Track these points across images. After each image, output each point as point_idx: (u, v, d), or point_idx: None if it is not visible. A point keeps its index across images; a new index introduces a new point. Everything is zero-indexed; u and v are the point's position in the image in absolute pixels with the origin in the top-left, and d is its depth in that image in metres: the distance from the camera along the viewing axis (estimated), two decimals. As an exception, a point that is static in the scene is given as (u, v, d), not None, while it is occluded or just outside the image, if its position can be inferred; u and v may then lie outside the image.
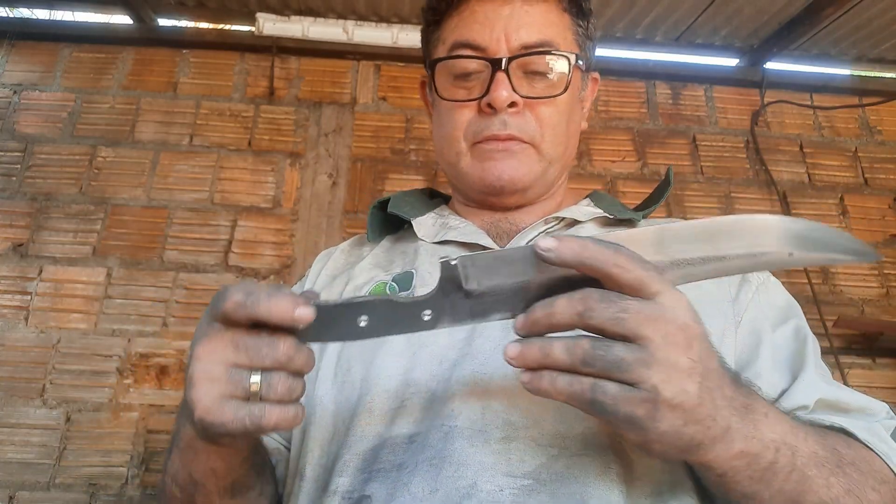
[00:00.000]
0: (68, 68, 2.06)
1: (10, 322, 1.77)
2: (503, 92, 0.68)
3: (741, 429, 0.43)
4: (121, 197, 1.92)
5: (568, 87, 0.72)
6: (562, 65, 0.71)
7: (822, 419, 0.57)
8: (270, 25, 2.05)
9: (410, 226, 0.79)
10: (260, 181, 1.97)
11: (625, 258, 0.39)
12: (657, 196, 0.82)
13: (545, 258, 0.40)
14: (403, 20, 2.08)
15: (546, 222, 0.75)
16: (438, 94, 0.75)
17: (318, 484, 0.60)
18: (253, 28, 2.07)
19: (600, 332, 0.40)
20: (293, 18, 2.06)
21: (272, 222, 1.93)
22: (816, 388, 0.60)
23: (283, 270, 1.87)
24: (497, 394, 0.57)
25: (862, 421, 0.58)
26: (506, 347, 0.42)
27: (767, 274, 0.71)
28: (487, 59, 0.70)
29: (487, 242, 0.72)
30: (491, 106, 0.70)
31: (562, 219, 0.75)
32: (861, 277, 1.99)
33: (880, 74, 2.27)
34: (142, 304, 1.81)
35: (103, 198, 1.91)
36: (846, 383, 1.82)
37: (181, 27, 2.14)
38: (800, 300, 2.12)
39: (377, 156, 2.03)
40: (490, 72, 0.70)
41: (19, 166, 1.93)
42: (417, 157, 2.04)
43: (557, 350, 0.40)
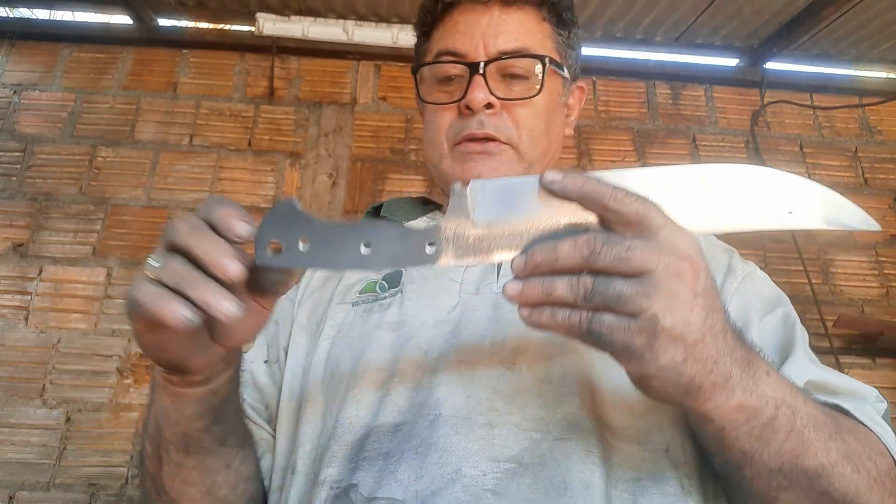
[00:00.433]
0: (68, 68, 2.06)
1: (10, 322, 1.77)
2: (479, 93, 0.71)
3: (741, 381, 0.43)
4: (121, 197, 1.92)
5: (542, 88, 0.74)
6: (537, 67, 0.75)
7: (816, 398, 0.57)
8: (270, 25, 2.05)
9: None
10: (260, 181, 1.97)
11: (623, 193, 0.40)
12: None
13: (549, 189, 0.41)
14: (403, 20, 2.08)
15: None
16: (422, 98, 0.79)
17: (309, 477, 0.61)
18: (253, 28, 2.07)
19: (607, 274, 0.40)
20: (293, 18, 2.06)
21: (272, 222, 1.93)
22: (806, 370, 0.60)
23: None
24: (481, 383, 0.58)
25: (853, 403, 0.59)
26: (505, 286, 0.42)
27: (753, 266, 0.72)
28: (465, 64, 0.73)
29: None
30: (469, 107, 0.73)
31: None
32: (861, 277, 1.99)
33: (880, 74, 2.27)
34: (142, 304, 1.80)
35: (103, 198, 1.91)
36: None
37: (181, 27, 2.14)
38: (800, 300, 2.12)
39: (377, 156, 2.03)
40: (468, 75, 0.73)
41: (19, 166, 1.93)
42: (417, 157, 2.04)
43: (560, 287, 0.40)
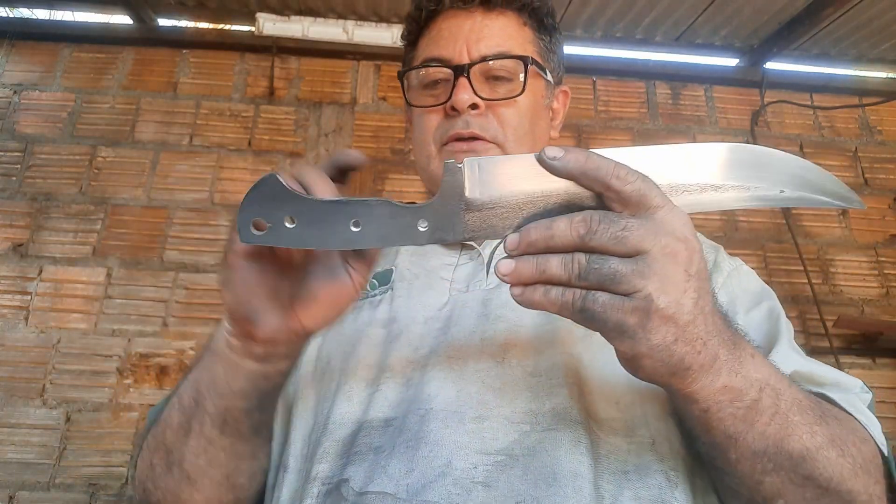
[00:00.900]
0: (68, 68, 2.07)
1: (10, 322, 1.77)
2: (464, 95, 0.73)
3: (728, 361, 0.44)
4: (121, 197, 1.92)
5: (525, 88, 0.76)
6: (519, 68, 0.76)
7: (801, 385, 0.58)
8: (270, 25, 2.05)
9: None
10: (260, 181, 1.97)
11: (626, 171, 0.40)
12: None
13: (549, 166, 0.40)
14: (403, 20, 2.08)
15: None
16: (409, 103, 0.81)
17: (301, 474, 0.61)
18: (253, 28, 2.07)
19: (602, 253, 0.40)
20: (293, 18, 2.06)
21: (272, 222, 1.93)
22: (792, 361, 0.60)
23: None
24: (471, 377, 0.59)
25: (838, 393, 0.59)
26: (498, 264, 0.42)
27: (739, 262, 0.73)
28: (450, 67, 0.75)
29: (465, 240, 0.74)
30: (454, 108, 0.74)
31: None
32: (861, 277, 1.99)
33: (880, 74, 2.27)
34: (142, 304, 1.81)
35: (103, 198, 1.91)
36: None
37: (181, 27, 2.14)
38: (800, 300, 2.12)
39: (377, 156, 2.03)
40: (453, 78, 0.75)
41: (19, 166, 1.93)
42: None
43: (554, 265, 0.40)
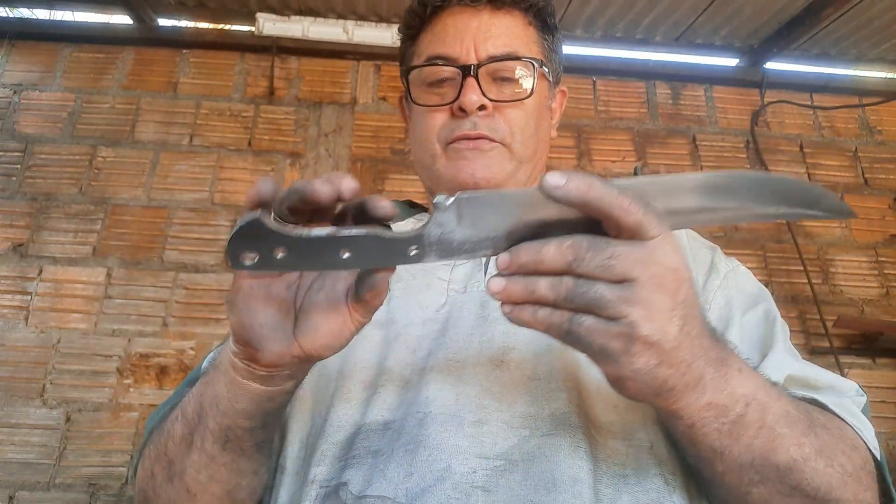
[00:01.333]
0: (68, 68, 2.07)
1: (10, 322, 1.77)
2: (472, 96, 0.72)
3: (714, 380, 0.45)
4: (121, 197, 1.92)
5: (534, 91, 0.76)
6: (528, 70, 0.76)
7: (793, 393, 0.58)
8: (270, 25, 2.05)
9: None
10: (260, 181, 1.97)
11: (629, 201, 0.40)
12: None
13: (553, 196, 0.40)
14: (404, 13, 2.08)
15: None
16: (413, 101, 0.79)
17: (298, 476, 0.61)
18: (253, 28, 2.07)
19: (590, 278, 0.40)
20: (293, 18, 2.06)
21: (272, 222, 1.93)
22: (786, 365, 0.61)
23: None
24: (470, 380, 0.59)
25: (832, 397, 0.59)
26: (489, 282, 0.43)
27: (736, 262, 0.73)
28: (458, 66, 0.74)
29: None
30: (462, 109, 0.73)
31: None
32: (861, 277, 1.99)
33: (880, 74, 2.27)
34: (142, 304, 1.81)
35: (103, 198, 1.91)
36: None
37: (181, 27, 2.14)
38: (800, 300, 2.12)
39: (377, 156, 2.03)
40: (461, 78, 0.74)
41: (19, 166, 1.93)
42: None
43: (543, 287, 0.41)
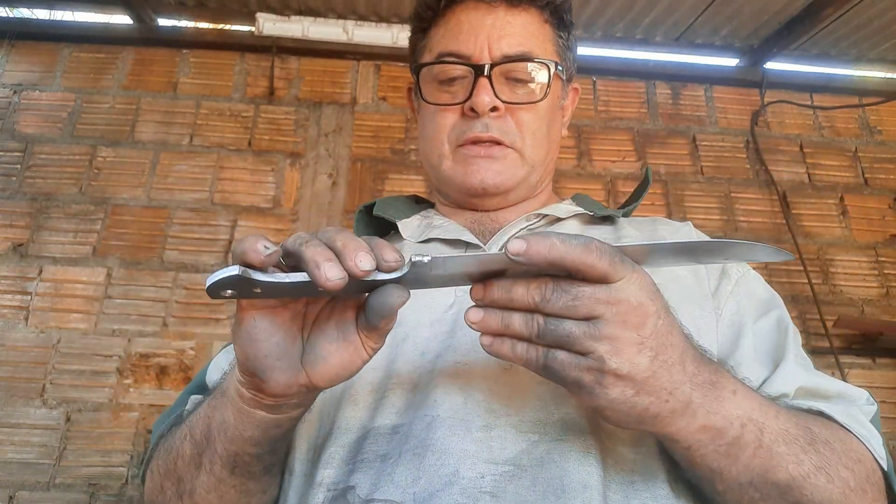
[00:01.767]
0: (68, 68, 2.07)
1: (10, 322, 1.77)
2: (485, 97, 0.71)
3: (704, 404, 0.45)
4: (121, 197, 1.92)
5: (548, 94, 0.74)
6: (542, 72, 0.74)
7: (801, 404, 0.58)
8: (270, 25, 2.05)
9: (397, 229, 0.80)
10: (260, 181, 1.97)
11: (594, 257, 0.41)
12: (636, 195, 0.85)
13: (516, 262, 0.42)
14: (403, 20, 2.08)
15: (528, 219, 0.76)
16: (423, 99, 0.77)
17: (306, 478, 0.60)
18: (253, 28, 2.07)
19: (557, 317, 0.43)
20: (293, 18, 2.06)
21: (272, 222, 1.93)
22: (797, 377, 0.61)
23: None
24: (478, 384, 0.58)
25: (841, 406, 0.59)
26: (467, 312, 0.45)
27: (747, 267, 0.73)
28: (470, 66, 0.73)
29: (470, 239, 0.73)
30: (473, 110, 0.72)
31: (543, 216, 0.77)
32: (861, 277, 1.99)
33: (880, 74, 2.27)
34: (142, 304, 1.81)
35: (103, 198, 1.91)
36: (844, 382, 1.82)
37: (181, 27, 2.14)
38: (800, 300, 2.12)
39: (377, 156, 2.03)
40: (473, 77, 0.72)
41: (19, 166, 1.93)
42: (417, 157, 2.03)
43: (516, 323, 0.44)
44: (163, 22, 2.13)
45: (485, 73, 0.71)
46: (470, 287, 0.46)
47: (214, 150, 1.99)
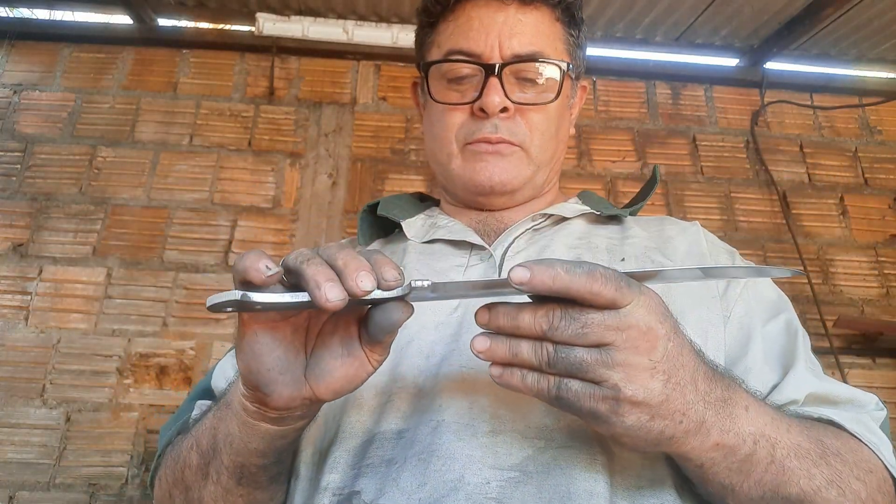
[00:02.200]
0: (68, 68, 2.07)
1: (10, 322, 1.77)
2: (495, 97, 0.70)
3: (717, 422, 0.45)
4: (121, 197, 1.92)
5: (559, 95, 0.74)
6: (553, 73, 0.73)
7: (811, 412, 0.58)
8: (270, 25, 2.05)
9: (401, 228, 0.80)
10: (260, 181, 1.97)
11: (599, 285, 0.40)
12: (643, 194, 0.84)
13: (520, 290, 0.41)
14: (403, 20, 2.08)
15: (533, 219, 0.75)
16: (432, 97, 0.76)
17: (311, 482, 0.60)
18: (253, 28, 2.07)
19: (567, 345, 0.42)
20: (293, 18, 2.06)
21: (272, 222, 1.93)
22: (807, 383, 0.60)
23: (283, 270, 1.87)
24: (484, 388, 0.57)
25: (851, 413, 0.59)
26: (474, 340, 0.44)
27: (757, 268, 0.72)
28: (481, 65, 0.71)
29: (475, 240, 0.73)
30: (483, 110, 0.71)
31: (549, 216, 0.76)
32: (861, 277, 1.99)
33: (880, 74, 2.27)
34: (142, 304, 1.81)
35: (103, 198, 1.91)
36: (846, 383, 1.82)
37: (181, 27, 2.14)
38: (800, 300, 2.12)
39: (377, 156, 2.03)
40: (483, 76, 0.71)
41: (19, 166, 1.93)
42: (417, 157, 2.04)
43: (525, 351, 0.43)
44: (163, 22, 2.13)
45: (495, 73, 0.70)
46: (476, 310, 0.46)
47: (214, 150, 1.99)
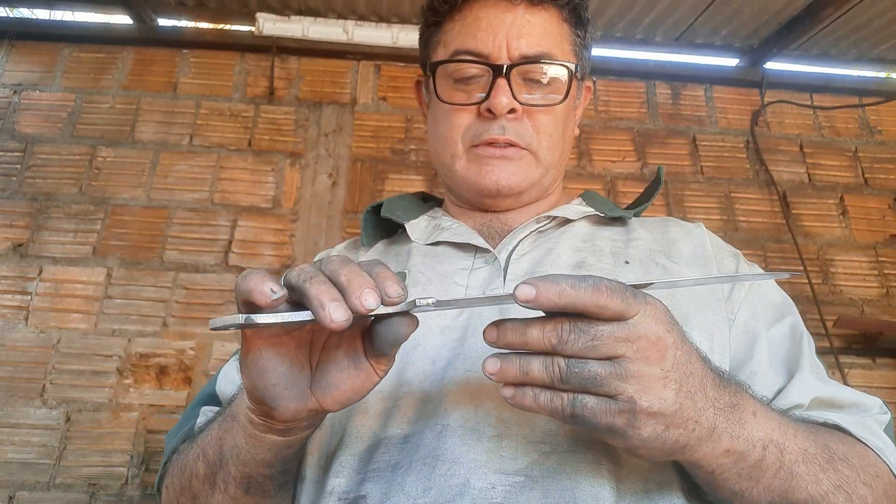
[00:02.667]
0: (68, 68, 2.07)
1: (10, 322, 1.77)
2: (503, 98, 0.69)
3: (727, 428, 0.46)
4: (121, 197, 1.92)
5: (567, 97, 0.73)
6: (561, 74, 0.73)
7: (817, 416, 0.58)
8: (270, 25, 2.05)
9: (404, 229, 0.79)
10: (260, 181, 1.97)
11: (605, 298, 0.40)
12: (647, 195, 0.84)
13: (526, 307, 0.41)
14: (403, 20, 2.08)
15: (538, 221, 0.75)
16: (438, 97, 0.75)
17: (317, 485, 0.60)
18: (253, 28, 2.07)
19: (580, 358, 0.41)
20: (293, 18, 2.06)
21: (272, 222, 1.93)
22: (812, 387, 0.60)
23: (284, 271, 1.87)
24: (489, 393, 0.57)
25: (856, 416, 0.59)
26: (485, 363, 0.44)
27: (759, 270, 0.73)
28: (489, 65, 0.71)
29: (479, 242, 0.72)
30: (491, 111, 0.71)
31: (553, 217, 0.76)
32: (861, 277, 1.99)
33: (880, 74, 2.27)
34: (142, 304, 1.81)
35: (103, 198, 1.91)
36: (846, 383, 1.82)
37: (181, 27, 2.14)
38: (800, 300, 2.12)
39: (377, 156, 2.03)
40: (491, 77, 0.71)
41: (19, 166, 1.93)
42: (417, 157, 2.04)
43: (536, 369, 0.42)
44: (163, 22, 2.13)
45: (503, 74, 0.70)
46: (483, 329, 0.45)
47: (214, 150, 1.99)
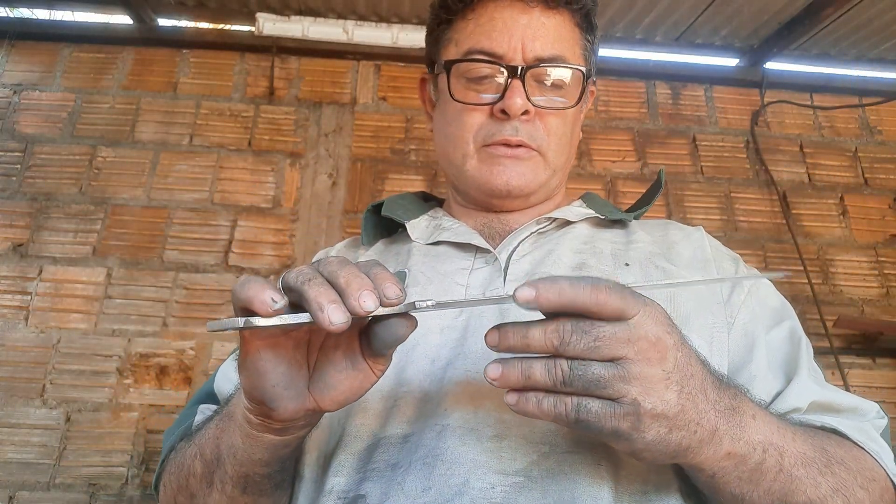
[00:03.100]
0: (68, 68, 2.07)
1: (10, 322, 1.77)
2: (518, 99, 0.70)
3: (728, 430, 0.46)
4: (121, 197, 1.92)
5: (580, 101, 0.74)
6: (575, 78, 0.73)
7: (814, 420, 0.59)
8: (270, 25, 2.05)
9: (405, 228, 0.79)
10: (260, 181, 1.97)
11: (604, 296, 0.41)
12: (648, 198, 0.84)
13: (526, 309, 0.41)
14: (403, 20, 2.08)
15: (538, 222, 0.75)
16: (452, 96, 0.75)
17: (316, 484, 0.60)
18: (253, 28, 2.07)
19: (582, 360, 0.41)
20: (293, 18, 2.06)
21: (272, 222, 1.93)
22: (810, 392, 0.61)
23: (284, 270, 1.87)
24: (489, 393, 0.57)
25: (853, 420, 0.60)
26: (486, 368, 0.44)
27: (758, 274, 0.74)
28: (504, 66, 0.71)
29: (480, 243, 0.72)
30: (505, 112, 0.71)
31: (553, 219, 0.76)
32: (861, 277, 1.99)
33: (880, 74, 2.27)
34: (142, 304, 1.81)
35: (103, 198, 1.91)
36: (846, 383, 1.82)
37: (181, 27, 2.14)
38: (800, 300, 2.12)
39: (377, 156, 2.03)
40: (505, 78, 0.71)
41: (19, 166, 1.93)
42: (417, 157, 2.04)
43: (538, 372, 0.42)
44: (163, 22, 2.13)
45: (518, 75, 0.70)
46: (484, 334, 0.45)
47: (214, 150, 1.99)
